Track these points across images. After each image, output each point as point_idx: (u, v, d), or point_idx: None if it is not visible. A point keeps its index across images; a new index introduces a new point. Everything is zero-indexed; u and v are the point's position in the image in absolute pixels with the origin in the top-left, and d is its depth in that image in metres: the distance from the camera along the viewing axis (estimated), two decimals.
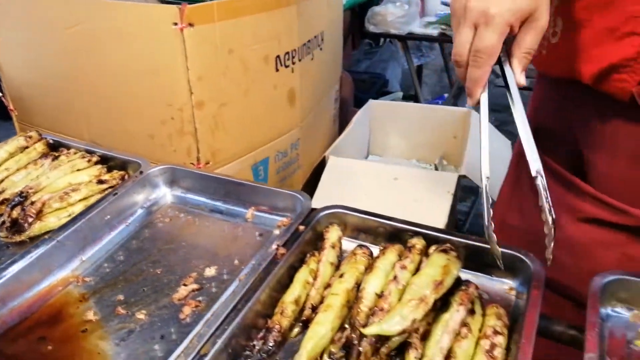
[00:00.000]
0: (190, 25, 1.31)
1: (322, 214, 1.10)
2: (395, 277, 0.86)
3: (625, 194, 0.98)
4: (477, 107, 0.90)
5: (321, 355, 0.84)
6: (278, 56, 1.63)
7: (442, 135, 2.28)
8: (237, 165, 1.58)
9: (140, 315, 0.95)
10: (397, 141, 2.40)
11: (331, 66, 2.16)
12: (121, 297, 1.00)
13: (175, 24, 1.31)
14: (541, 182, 0.82)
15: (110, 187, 1.25)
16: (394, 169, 1.78)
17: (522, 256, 0.96)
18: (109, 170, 1.32)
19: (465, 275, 0.97)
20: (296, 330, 0.90)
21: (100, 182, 1.25)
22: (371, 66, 4.32)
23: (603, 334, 0.86)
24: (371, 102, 2.38)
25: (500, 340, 0.81)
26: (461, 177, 1.70)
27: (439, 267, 0.87)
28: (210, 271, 1.05)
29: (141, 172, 1.27)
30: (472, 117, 2.16)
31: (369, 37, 4.64)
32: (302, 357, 0.81)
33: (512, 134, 1.67)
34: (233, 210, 1.22)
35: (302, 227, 1.06)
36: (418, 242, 0.95)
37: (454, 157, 2.18)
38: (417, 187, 1.66)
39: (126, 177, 1.29)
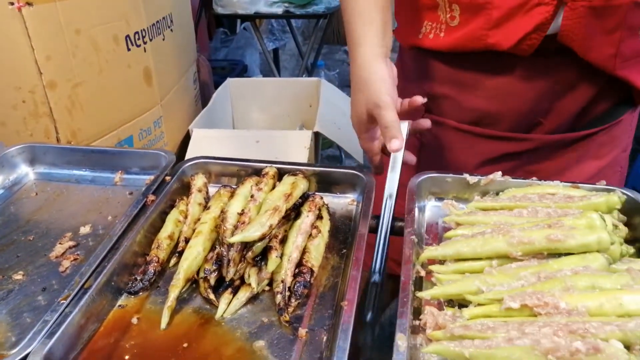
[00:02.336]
0: (29, 4, 1.32)
1: (186, 165, 1.21)
2: (252, 196, 1.01)
3: (514, 127, 1.22)
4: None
5: (198, 273, 0.96)
6: (128, 36, 1.68)
7: (299, 105, 2.48)
8: (101, 144, 1.61)
9: (18, 277, 0.99)
10: (258, 115, 2.55)
11: (185, 48, 2.24)
12: None
13: (12, 3, 1.31)
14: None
15: None
16: (255, 133, 1.92)
17: (358, 173, 1.16)
18: None
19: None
20: (173, 260, 1.01)
21: None
22: (229, 54, 4.41)
23: (422, 220, 1.10)
24: (229, 80, 2.50)
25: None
26: (315, 134, 1.90)
27: (288, 184, 1.03)
28: (85, 229, 1.10)
29: None
30: (322, 86, 2.38)
31: (220, 23, 4.74)
32: (180, 275, 0.93)
33: None
34: (100, 177, 1.27)
35: (168, 178, 1.16)
36: (270, 170, 1.10)
37: (312, 123, 2.38)
38: (277, 146, 1.83)
39: None
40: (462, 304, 0.86)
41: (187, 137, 2.07)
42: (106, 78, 1.61)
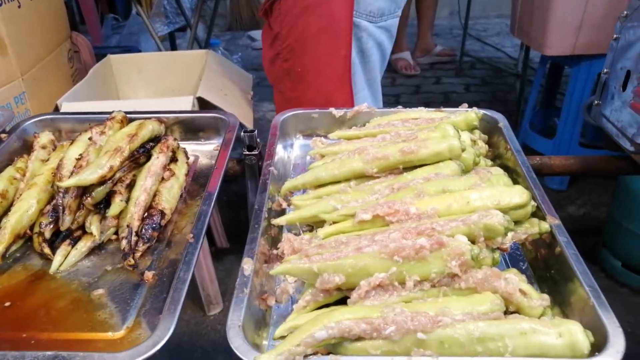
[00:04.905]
0: None
1: (28, 122, 1.08)
2: (91, 139, 0.91)
3: None
4: None
5: (32, 228, 0.84)
6: None
7: (188, 78, 2.36)
8: None
9: None
10: (146, 91, 2.40)
11: (52, 20, 2.05)
12: None
13: None
14: None
15: None
16: (132, 102, 1.80)
17: (222, 116, 1.09)
18: None
19: (183, 145, 1.06)
20: (5, 220, 0.89)
21: None
22: (122, 40, 4.16)
23: (289, 158, 1.05)
24: (110, 57, 2.32)
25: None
26: (199, 100, 1.80)
27: (134, 125, 0.94)
28: None
29: None
30: (209, 56, 2.28)
31: (113, 9, 4.48)
32: (6, 230, 0.81)
33: (269, 87, 1.87)
34: None
35: (4, 136, 1.03)
36: (118, 114, 1.00)
37: None
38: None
39: None
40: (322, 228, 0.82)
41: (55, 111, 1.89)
42: None
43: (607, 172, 1.01)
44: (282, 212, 0.88)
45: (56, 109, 1.82)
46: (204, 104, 1.90)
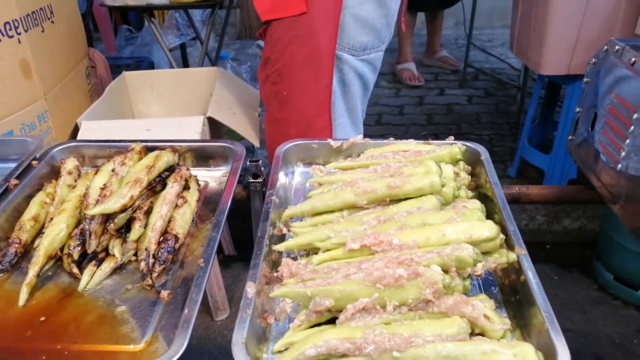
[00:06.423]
0: None
1: (55, 149, 1.19)
2: (113, 170, 1.02)
3: None
4: None
5: (62, 250, 0.96)
6: None
7: (198, 95, 2.47)
8: None
9: None
10: (159, 107, 2.52)
11: (71, 41, 2.17)
12: None
13: None
14: None
15: None
16: (147, 122, 1.91)
17: (230, 145, 1.20)
18: None
19: (194, 171, 1.17)
20: (38, 241, 1.00)
21: None
22: (135, 51, 4.29)
23: (290, 184, 1.15)
24: (125, 74, 2.44)
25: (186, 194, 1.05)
26: (210, 120, 1.91)
27: (151, 157, 1.05)
28: None
29: None
30: (218, 74, 2.40)
31: (126, 20, 4.61)
32: (40, 252, 0.92)
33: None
34: None
35: (35, 162, 1.15)
36: (136, 146, 1.12)
37: None
38: (169, 132, 1.82)
39: None
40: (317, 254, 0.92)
41: (76, 130, 2.01)
42: None
43: (581, 201, 1.10)
44: (283, 237, 0.98)
45: (76, 127, 1.94)
46: (213, 122, 2.02)
